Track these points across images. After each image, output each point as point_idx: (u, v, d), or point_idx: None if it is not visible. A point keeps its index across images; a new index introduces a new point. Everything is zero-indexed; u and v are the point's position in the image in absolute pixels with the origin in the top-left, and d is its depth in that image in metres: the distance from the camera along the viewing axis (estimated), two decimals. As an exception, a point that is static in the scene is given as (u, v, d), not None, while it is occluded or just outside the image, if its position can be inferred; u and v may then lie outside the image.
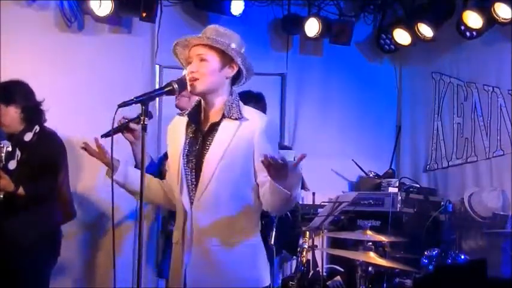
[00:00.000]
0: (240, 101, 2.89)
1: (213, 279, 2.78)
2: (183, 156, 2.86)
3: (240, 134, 2.80)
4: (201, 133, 2.89)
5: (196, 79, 2.82)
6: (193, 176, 2.84)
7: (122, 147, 3.46)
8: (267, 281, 2.88)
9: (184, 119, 2.94)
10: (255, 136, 2.80)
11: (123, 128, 3.39)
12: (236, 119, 2.82)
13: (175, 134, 2.96)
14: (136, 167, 3.63)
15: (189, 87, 2.85)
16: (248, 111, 2.89)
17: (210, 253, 2.78)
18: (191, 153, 2.87)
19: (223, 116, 2.85)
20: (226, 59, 2.84)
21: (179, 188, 2.86)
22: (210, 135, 2.85)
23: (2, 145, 4.12)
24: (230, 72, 2.87)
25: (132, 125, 3.37)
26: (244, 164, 2.81)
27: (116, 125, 3.34)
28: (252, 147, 2.80)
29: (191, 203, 2.82)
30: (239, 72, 2.89)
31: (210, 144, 2.84)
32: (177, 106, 3.83)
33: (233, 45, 2.83)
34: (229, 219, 2.80)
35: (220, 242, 2.79)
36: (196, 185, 2.82)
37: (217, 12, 5.69)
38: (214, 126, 2.86)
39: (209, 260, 2.79)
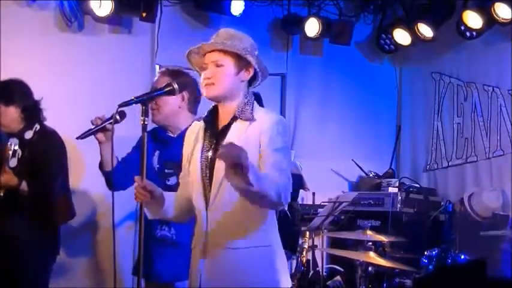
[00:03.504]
0: (254, 103, 2.87)
1: (229, 282, 2.74)
2: (200, 160, 2.85)
3: (248, 135, 2.77)
4: (214, 136, 2.87)
5: (212, 84, 2.80)
6: (208, 179, 2.82)
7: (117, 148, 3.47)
8: (286, 283, 2.82)
9: (202, 124, 2.92)
10: (261, 135, 2.76)
11: (100, 129, 3.39)
12: (247, 120, 2.80)
13: (191, 138, 2.95)
14: (100, 166, 3.63)
15: (204, 92, 2.84)
16: (260, 112, 2.85)
17: (226, 255, 2.75)
18: (205, 157, 2.85)
19: (235, 118, 2.83)
20: (242, 62, 2.83)
21: (196, 193, 2.85)
22: (222, 137, 2.83)
23: (10, 143, 4.14)
24: (246, 75, 2.86)
25: (108, 126, 3.38)
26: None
27: (91, 125, 3.38)
28: (258, 147, 2.77)
29: (206, 206, 2.81)
30: (255, 74, 2.88)
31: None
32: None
33: (248, 49, 2.81)
34: (244, 220, 2.76)
35: (235, 244, 2.75)
36: (210, 188, 2.80)
37: (218, 12, 5.68)
38: (227, 128, 2.84)
39: (225, 263, 2.76)
